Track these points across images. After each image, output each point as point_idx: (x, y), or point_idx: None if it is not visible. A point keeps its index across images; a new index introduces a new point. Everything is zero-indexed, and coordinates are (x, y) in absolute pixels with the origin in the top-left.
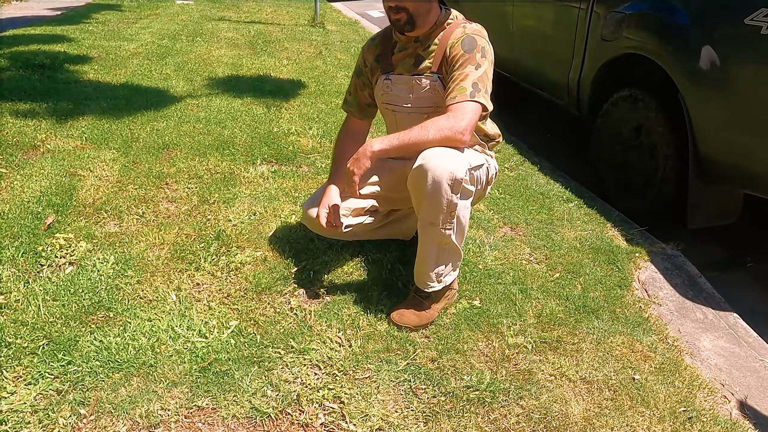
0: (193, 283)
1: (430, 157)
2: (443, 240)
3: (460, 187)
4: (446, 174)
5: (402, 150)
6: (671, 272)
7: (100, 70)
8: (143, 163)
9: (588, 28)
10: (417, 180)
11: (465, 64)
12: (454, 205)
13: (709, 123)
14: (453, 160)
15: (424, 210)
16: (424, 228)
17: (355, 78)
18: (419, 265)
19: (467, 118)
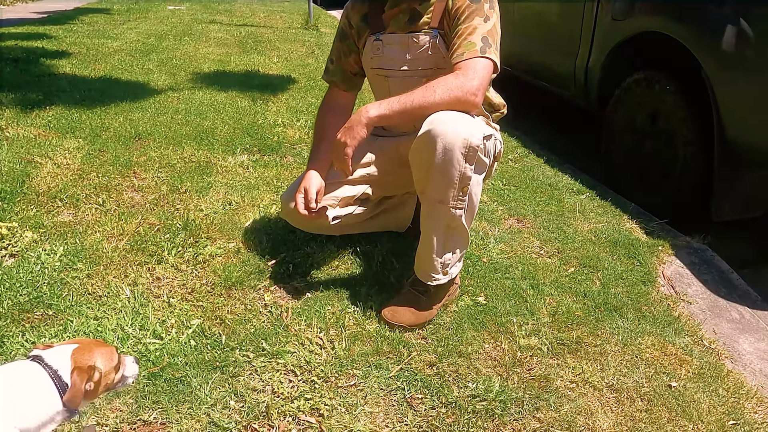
0: (153, 278)
1: (440, 122)
2: (452, 221)
3: (476, 156)
4: (459, 141)
5: (404, 115)
6: (699, 267)
7: (77, 64)
8: (110, 152)
9: (597, 9)
10: (423, 149)
11: (472, 15)
12: (467, 179)
13: (739, 104)
14: (467, 125)
15: (431, 185)
16: (430, 207)
17: (338, 43)
18: (422, 253)
19: (479, 76)
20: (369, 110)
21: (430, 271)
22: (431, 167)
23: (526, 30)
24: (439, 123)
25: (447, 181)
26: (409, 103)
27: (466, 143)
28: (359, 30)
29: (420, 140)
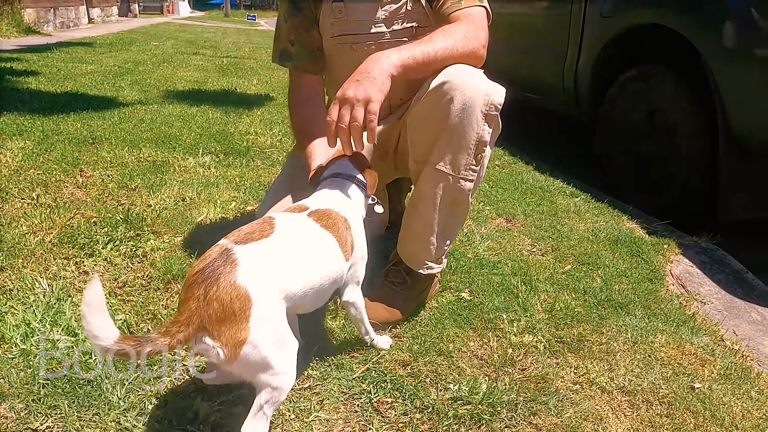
0: (79, 272)
1: (458, 73)
2: (459, 195)
3: (497, 117)
4: (481, 97)
5: (426, 67)
6: (711, 267)
7: (44, 81)
8: (57, 152)
9: (584, 7)
10: (435, 106)
11: None
12: (484, 144)
13: (745, 95)
14: (487, 80)
15: (441, 149)
16: (434, 178)
17: (292, 19)
18: (416, 235)
19: (484, 27)
20: (390, 56)
21: (424, 258)
22: (445, 127)
23: (510, 40)
24: (457, 75)
25: (462, 145)
26: (432, 52)
27: (487, 100)
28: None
29: (432, 95)
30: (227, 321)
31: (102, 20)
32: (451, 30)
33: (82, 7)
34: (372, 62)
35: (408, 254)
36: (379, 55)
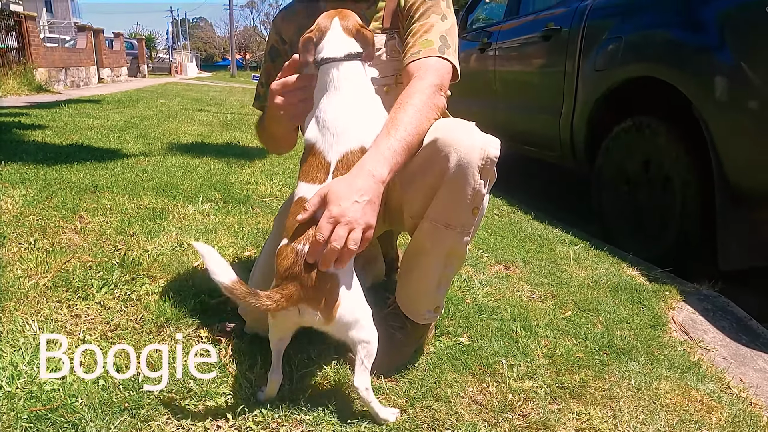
0: (72, 315)
1: (450, 130)
2: (456, 249)
3: (493, 170)
4: (476, 152)
5: (410, 153)
6: (714, 314)
7: (50, 134)
8: (58, 199)
9: (578, 62)
10: (431, 163)
11: (428, 12)
12: (481, 198)
13: (738, 144)
14: (480, 133)
15: (438, 206)
16: (433, 233)
17: (269, 64)
18: (415, 288)
19: (440, 76)
20: (380, 170)
21: (423, 309)
22: (441, 184)
23: (508, 96)
24: (449, 131)
25: (459, 200)
26: (408, 136)
27: (483, 154)
28: (294, 45)
29: (425, 152)
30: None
31: (111, 80)
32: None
33: (92, 67)
34: (366, 179)
35: (407, 305)
36: (371, 169)
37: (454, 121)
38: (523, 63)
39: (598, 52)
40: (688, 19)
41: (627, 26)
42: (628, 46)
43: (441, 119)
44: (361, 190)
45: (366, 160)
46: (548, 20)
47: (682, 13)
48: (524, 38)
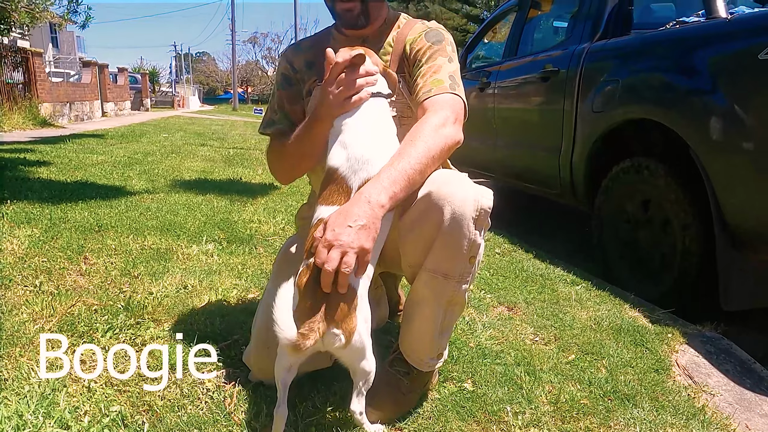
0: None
1: (444, 182)
2: (455, 297)
3: (487, 220)
4: (470, 204)
5: (412, 187)
6: (717, 357)
7: (55, 171)
8: (63, 239)
9: (576, 103)
10: (426, 216)
11: (435, 55)
12: (477, 247)
13: (735, 186)
14: (473, 185)
15: (435, 257)
16: (431, 283)
17: (280, 91)
18: (417, 336)
19: (455, 110)
20: (379, 197)
21: (426, 356)
22: (437, 236)
23: (507, 134)
24: (443, 184)
25: (455, 252)
26: (412, 170)
27: (476, 206)
28: (304, 76)
29: (420, 205)
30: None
31: (115, 113)
32: (419, 132)
33: (96, 101)
34: (361, 206)
35: (410, 352)
36: (367, 196)
37: (448, 173)
38: (522, 102)
39: (595, 93)
40: (682, 63)
41: (623, 69)
42: (625, 89)
43: (436, 171)
44: (354, 216)
45: (365, 188)
46: (546, 62)
47: (677, 58)
48: (523, 78)
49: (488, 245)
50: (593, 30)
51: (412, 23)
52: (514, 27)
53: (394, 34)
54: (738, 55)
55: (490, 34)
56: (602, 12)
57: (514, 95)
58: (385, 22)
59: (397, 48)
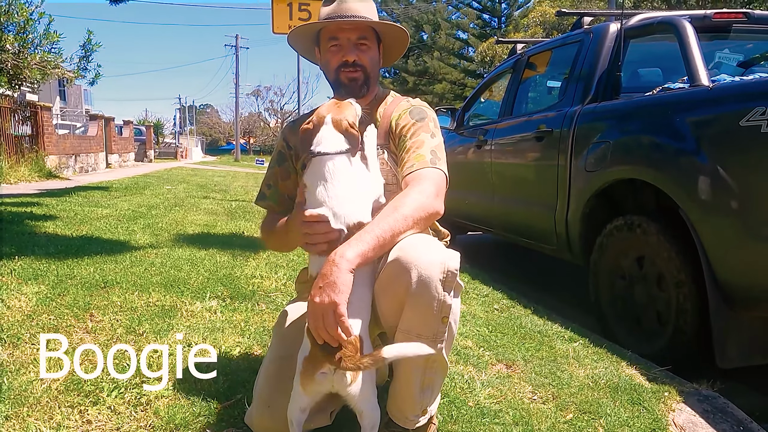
0: (83, 420)
1: (411, 247)
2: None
3: (455, 281)
4: (436, 267)
5: (382, 249)
6: (714, 416)
7: (61, 225)
8: (70, 296)
9: (570, 163)
10: (394, 280)
11: (418, 132)
12: (448, 308)
13: (724, 245)
14: (440, 248)
15: (407, 318)
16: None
17: (276, 168)
18: (399, 395)
19: (435, 183)
20: (344, 253)
21: (409, 414)
22: (406, 299)
23: (504, 190)
24: (410, 249)
25: (425, 313)
26: (382, 234)
27: (443, 268)
28: (299, 152)
29: (389, 270)
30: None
31: (119, 165)
32: (399, 202)
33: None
34: (329, 265)
35: (394, 411)
36: (333, 255)
37: (416, 237)
38: (518, 160)
39: (588, 153)
40: (669, 127)
41: (614, 131)
42: (616, 150)
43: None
44: (323, 276)
45: (337, 248)
46: (540, 122)
47: (663, 121)
48: (518, 137)
49: (487, 301)
50: (584, 93)
51: (399, 100)
52: (509, 87)
53: (381, 110)
54: (720, 121)
55: (486, 93)
56: (593, 76)
57: (510, 153)
58: (375, 97)
59: (383, 123)
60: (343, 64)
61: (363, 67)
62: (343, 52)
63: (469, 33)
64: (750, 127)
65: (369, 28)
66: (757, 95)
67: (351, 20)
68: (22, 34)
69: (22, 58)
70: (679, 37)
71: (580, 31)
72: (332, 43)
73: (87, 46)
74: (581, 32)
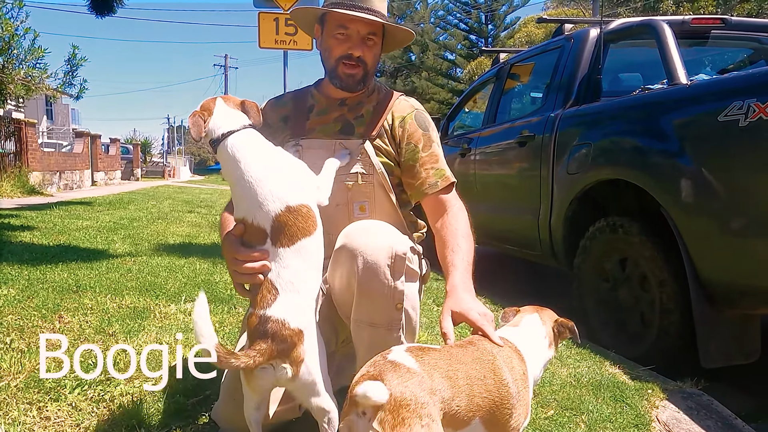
0: (41, 417)
1: (356, 234)
2: (390, 343)
3: (404, 266)
4: (383, 252)
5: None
6: (698, 413)
7: (38, 235)
8: (38, 298)
9: (552, 166)
10: (341, 267)
11: (429, 143)
12: (401, 294)
13: (706, 239)
14: (387, 233)
15: (359, 307)
16: (361, 333)
17: None
18: None
19: (458, 198)
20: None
21: None
22: (356, 288)
23: (487, 198)
24: (355, 236)
25: (375, 301)
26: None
27: (390, 253)
28: (276, 131)
29: (336, 258)
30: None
31: (105, 183)
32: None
33: (87, 170)
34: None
35: None
36: (467, 304)
37: (363, 224)
38: (501, 167)
39: (570, 157)
40: (648, 126)
41: (594, 132)
42: (597, 151)
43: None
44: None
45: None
46: (523, 128)
47: (642, 120)
48: (501, 144)
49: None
50: (566, 97)
51: (390, 95)
52: (492, 95)
53: (375, 102)
54: (699, 118)
55: (470, 103)
56: (573, 80)
57: (493, 160)
58: (379, 93)
59: (377, 115)
60: (347, 56)
61: (365, 63)
62: (350, 44)
63: (457, 54)
64: (728, 122)
65: (380, 24)
66: (734, 91)
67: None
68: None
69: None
70: (657, 38)
71: (561, 37)
72: (340, 31)
73: (72, 61)
74: (562, 38)
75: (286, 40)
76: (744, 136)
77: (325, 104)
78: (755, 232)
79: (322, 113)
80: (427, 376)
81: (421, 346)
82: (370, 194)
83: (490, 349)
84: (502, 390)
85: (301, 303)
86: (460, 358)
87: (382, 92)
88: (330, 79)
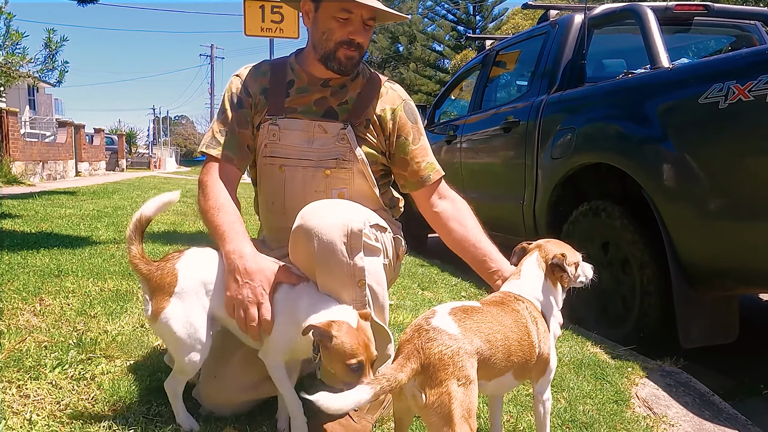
0: (20, 395)
1: (311, 214)
2: (374, 327)
3: (361, 242)
4: (338, 230)
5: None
6: (676, 389)
7: (20, 222)
8: (19, 282)
9: (536, 152)
10: (298, 248)
11: (418, 135)
12: (361, 271)
13: (687, 225)
14: (341, 211)
15: (322, 286)
16: None
17: (233, 113)
18: None
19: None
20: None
21: None
22: (315, 268)
23: (473, 185)
24: (310, 216)
25: (336, 279)
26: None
27: (345, 230)
28: (257, 104)
29: (293, 239)
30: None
31: (89, 173)
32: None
33: (71, 161)
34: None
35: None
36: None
37: (317, 204)
38: (486, 153)
39: (554, 141)
40: (630, 109)
41: (578, 117)
42: (580, 136)
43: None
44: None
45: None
46: (508, 114)
47: (624, 104)
48: (486, 130)
49: (455, 289)
50: (550, 83)
51: (377, 81)
52: (478, 82)
53: (359, 87)
54: (681, 100)
55: (456, 91)
56: (558, 66)
57: (479, 147)
58: (366, 77)
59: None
60: (348, 42)
61: (362, 48)
62: (352, 29)
63: (445, 45)
64: (708, 104)
65: (378, 9)
66: (716, 74)
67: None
68: None
69: None
70: (640, 22)
71: (546, 23)
72: (343, 15)
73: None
74: (547, 24)
75: (272, 28)
76: (724, 117)
77: (307, 82)
78: (733, 215)
79: (303, 92)
80: (468, 341)
81: (464, 307)
82: (349, 181)
83: (521, 311)
84: (532, 350)
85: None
86: (500, 320)
87: (367, 76)
88: (325, 61)
